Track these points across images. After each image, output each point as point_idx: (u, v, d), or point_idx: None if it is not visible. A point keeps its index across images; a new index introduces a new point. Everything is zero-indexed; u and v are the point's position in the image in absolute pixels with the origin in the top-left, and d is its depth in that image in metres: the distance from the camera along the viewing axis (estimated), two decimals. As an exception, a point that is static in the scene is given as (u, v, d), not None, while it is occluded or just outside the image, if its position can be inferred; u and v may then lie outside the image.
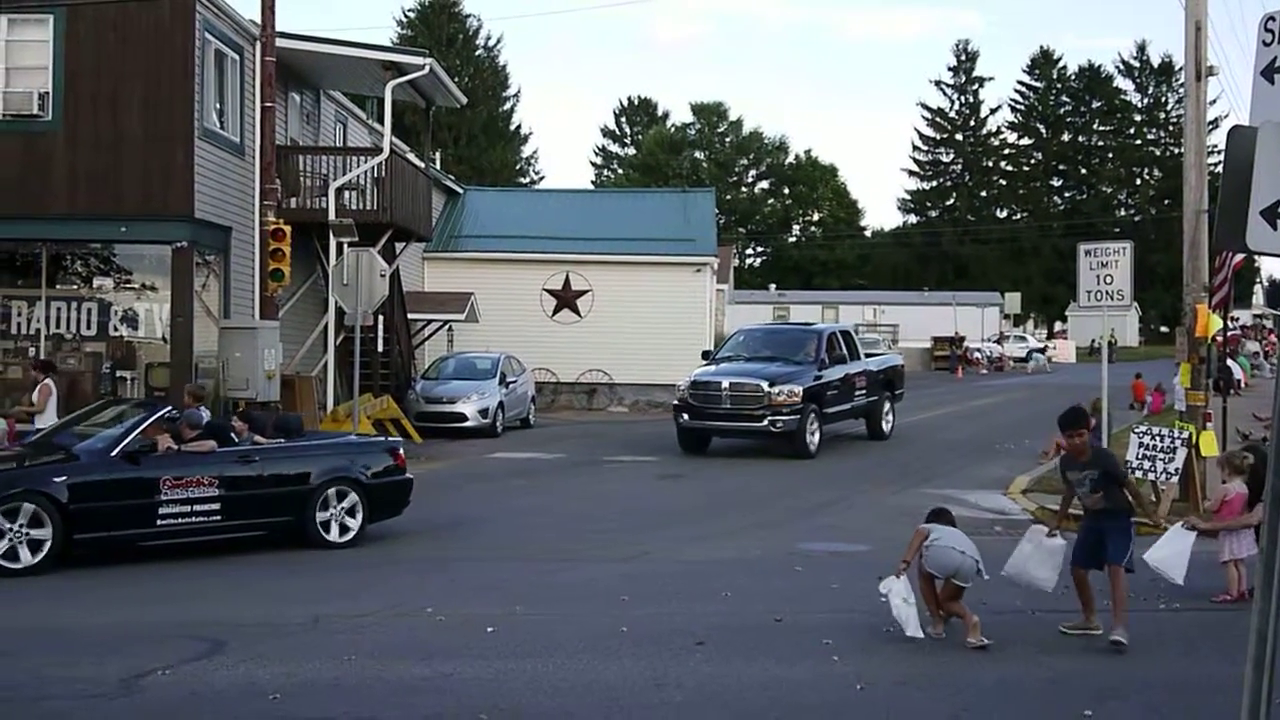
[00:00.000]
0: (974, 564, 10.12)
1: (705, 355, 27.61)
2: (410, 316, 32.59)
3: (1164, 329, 71.50)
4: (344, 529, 14.89)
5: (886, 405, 28.23)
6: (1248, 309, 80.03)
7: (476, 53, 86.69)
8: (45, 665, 8.98)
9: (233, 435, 14.93)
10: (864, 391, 27.00)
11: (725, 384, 24.47)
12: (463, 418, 29.07)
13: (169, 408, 15.26)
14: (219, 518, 14.12)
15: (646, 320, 37.55)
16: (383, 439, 18.21)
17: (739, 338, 27.82)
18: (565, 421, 34.13)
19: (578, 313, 39.07)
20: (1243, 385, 40.91)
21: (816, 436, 24.61)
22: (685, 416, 24.81)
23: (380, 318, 27.72)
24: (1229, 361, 21.01)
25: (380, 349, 28.76)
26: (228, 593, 12.09)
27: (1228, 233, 5.48)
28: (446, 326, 35.69)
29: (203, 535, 14.08)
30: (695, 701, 8.25)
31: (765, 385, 24.12)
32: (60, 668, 8.91)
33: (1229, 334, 19.01)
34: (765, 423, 23.91)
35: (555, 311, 39.20)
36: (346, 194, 27.24)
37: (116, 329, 22.39)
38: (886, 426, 28.16)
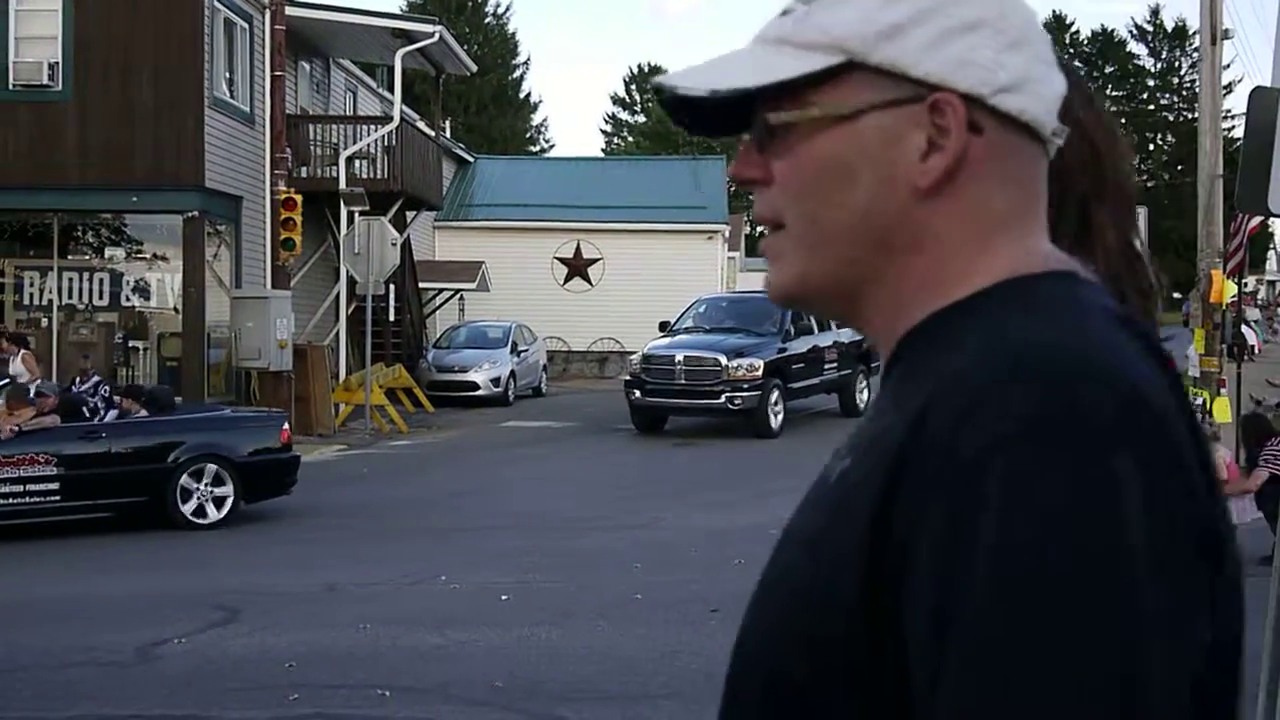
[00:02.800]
0: None
1: (663, 326, 25.63)
2: (421, 285, 32.58)
3: (1176, 295, 71.43)
4: (215, 508, 14.03)
5: (861, 380, 26.16)
6: (1260, 274, 79.74)
7: (486, 20, 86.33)
8: (62, 634, 9.01)
9: (85, 410, 14.16)
10: (835, 364, 25.13)
11: (679, 358, 22.60)
12: (474, 386, 29.07)
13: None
14: (57, 498, 13.32)
15: (658, 288, 37.38)
16: (265, 413, 17.41)
17: (699, 307, 25.78)
18: (577, 390, 34.13)
19: (589, 281, 39.00)
20: (1257, 351, 40.78)
21: (780, 414, 22.90)
22: (637, 393, 22.96)
23: (391, 287, 27.70)
24: (1243, 328, 20.93)
25: (392, 318, 28.75)
26: (242, 561, 12.12)
27: (1249, 196, 5.43)
28: (458, 295, 35.66)
29: (39, 517, 13.30)
30: (710, 670, 8.24)
31: (723, 359, 22.24)
32: (78, 636, 8.94)
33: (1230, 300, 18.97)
34: (723, 399, 22.15)
35: (566, 280, 39.14)
36: (357, 163, 27.20)
37: (128, 299, 22.41)
38: (861, 402, 25.98)
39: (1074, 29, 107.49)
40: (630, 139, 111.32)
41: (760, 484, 17.53)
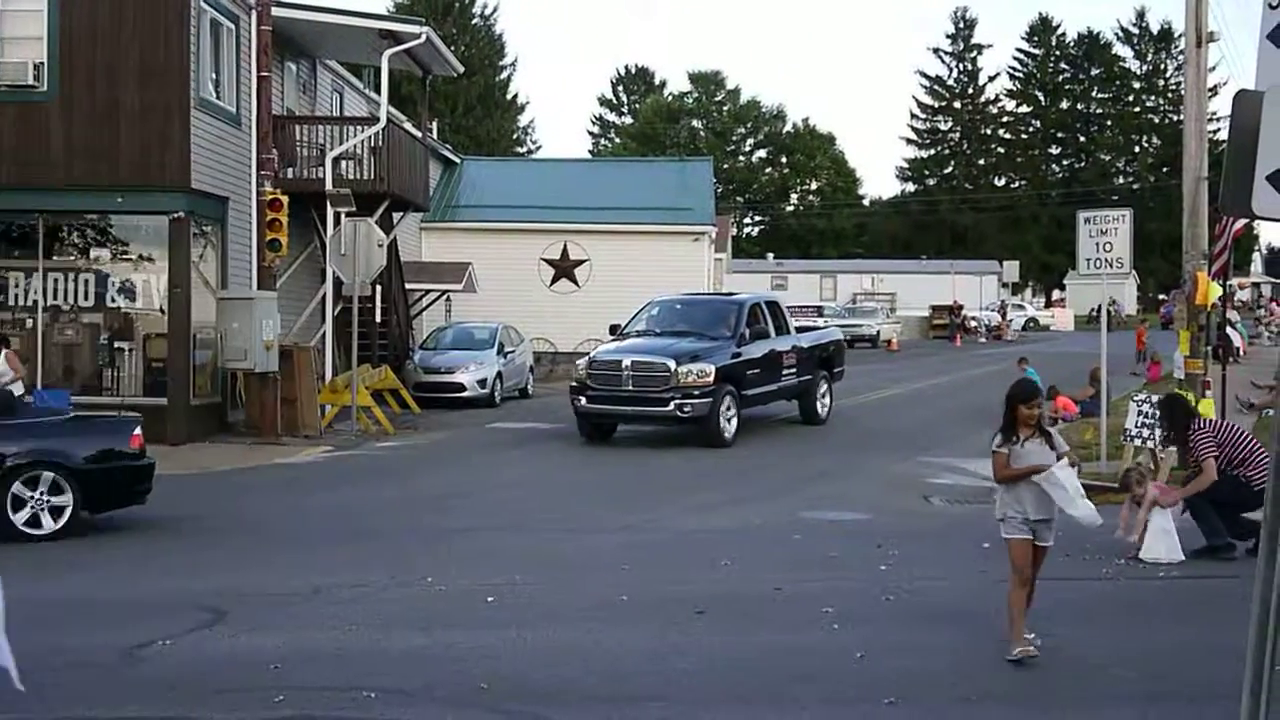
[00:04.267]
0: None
1: (613, 330, 24.42)
2: (408, 286, 32.55)
3: (1162, 296, 71.67)
4: (51, 518, 13.09)
5: (823, 386, 25.03)
6: (1245, 276, 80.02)
7: (473, 21, 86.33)
8: (45, 637, 8.97)
9: None
10: (793, 370, 23.91)
11: (627, 363, 21.38)
12: (461, 388, 29.03)
13: None
14: None
15: (645, 290, 37.06)
16: (114, 417, 16.03)
17: (652, 310, 24.31)
18: (564, 391, 33.99)
19: (576, 282, 39.00)
20: (1241, 353, 40.88)
21: (734, 422, 21.62)
22: (582, 400, 21.69)
23: (378, 288, 27.66)
24: (1229, 330, 20.99)
25: (378, 319, 28.70)
26: (228, 564, 12.08)
27: (1233, 198, 5.46)
28: (444, 296, 35.63)
29: None
30: (696, 670, 8.26)
31: (672, 364, 21.04)
32: (62, 638, 8.91)
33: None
34: (671, 407, 20.93)
35: (553, 281, 39.14)
36: (344, 164, 27.17)
37: (114, 300, 22.33)
38: (823, 409, 24.93)
39: (1060, 32, 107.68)
40: (617, 140, 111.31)
41: (747, 487, 17.57)
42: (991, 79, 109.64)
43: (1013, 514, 8.54)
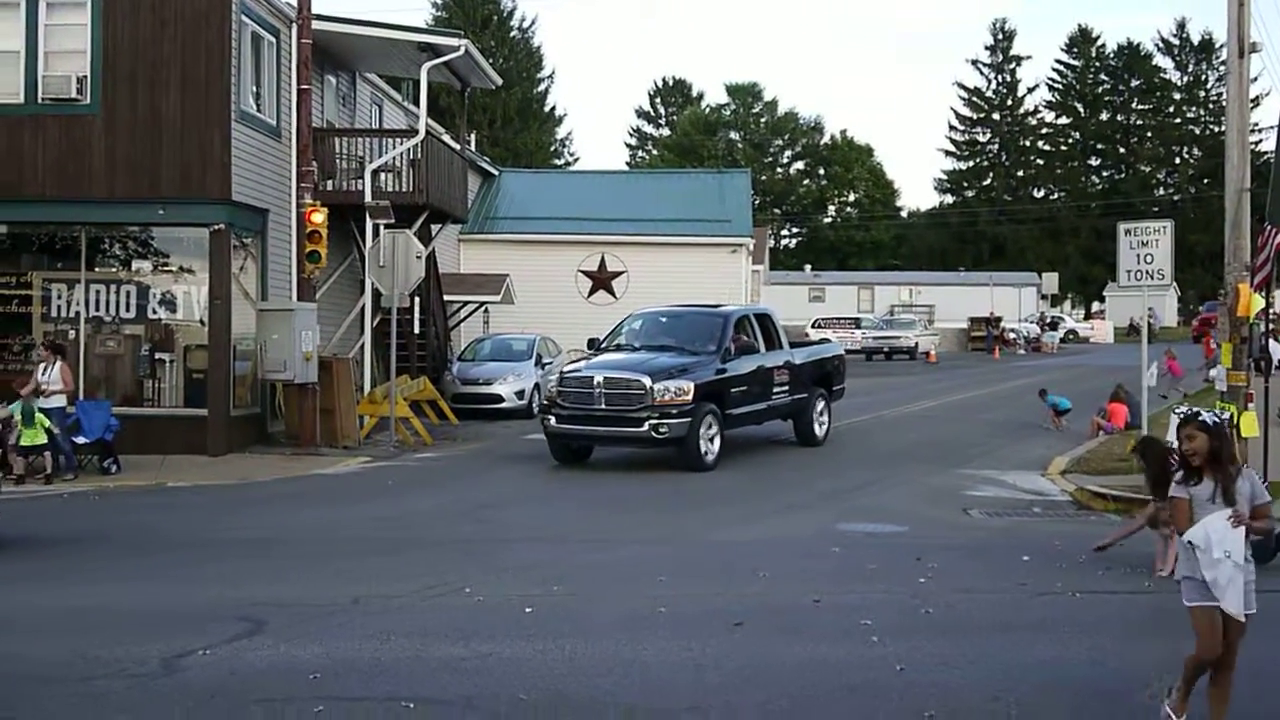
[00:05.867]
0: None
1: (591, 344, 23.18)
2: (446, 298, 32.66)
3: (1202, 309, 71.10)
4: None
5: (820, 404, 23.33)
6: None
7: (511, 34, 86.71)
8: (89, 645, 9.03)
9: None
10: (786, 388, 22.26)
11: (599, 379, 19.78)
12: (499, 399, 29.11)
13: None
14: None
15: (681, 301, 37.47)
16: None
17: (634, 323, 22.70)
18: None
19: (613, 294, 39.06)
20: (1283, 366, 40.38)
21: (716, 443, 20.03)
22: (552, 420, 20.17)
23: (416, 299, 27.77)
24: (1271, 342, 20.76)
25: (416, 331, 28.82)
26: (267, 574, 12.14)
27: (1277, 209, 5.41)
28: (482, 308, 35.76)
29: None
30: (734, 683, 8.23)
31: (647, 381, 19.42)
32: (103, 648, 8.97)
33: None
34: (646, 427, 19.30)
35: (591, 293, 39.21)
36: (383, 176, 27.31)
37: (155, 312, 22.51)
38: (819, 430, 23.24)
39: (1100, 43, 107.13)
40: (654, 152, 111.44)
41: (786, 498, 17.51)
42: (1030, 90, 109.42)
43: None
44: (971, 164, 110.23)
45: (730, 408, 20.51)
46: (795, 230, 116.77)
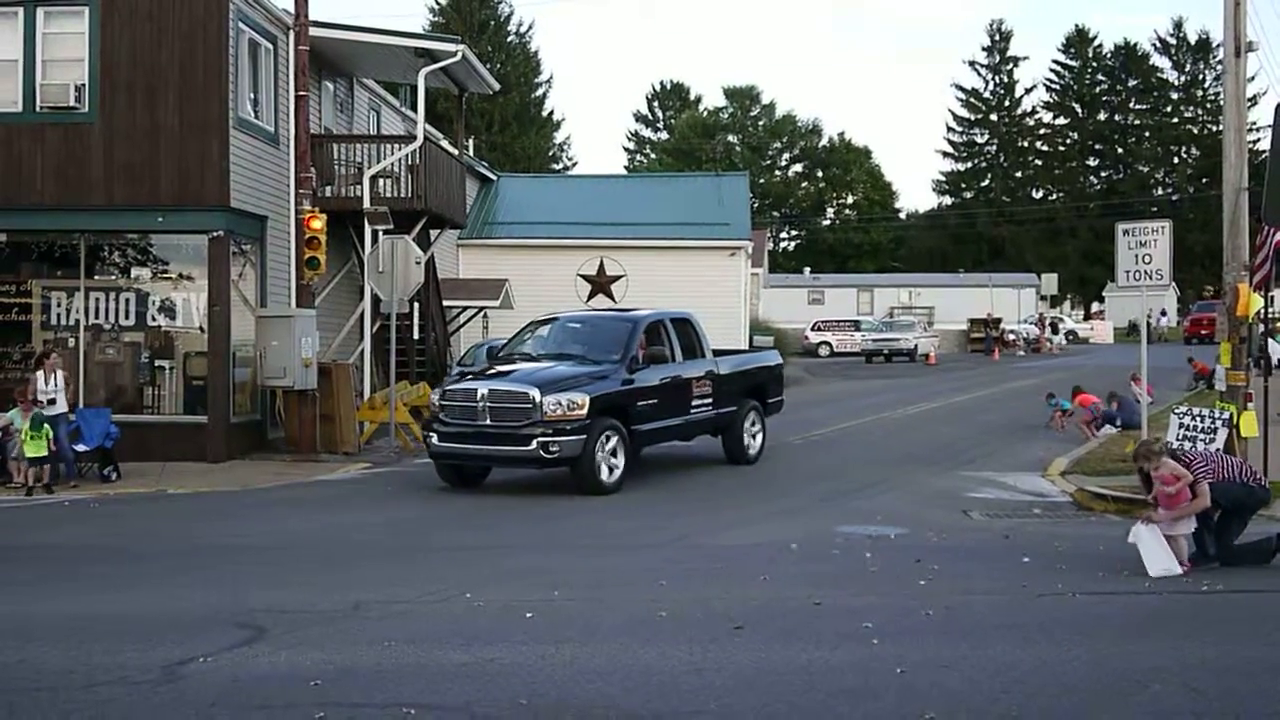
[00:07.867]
0: None
1: (490, 354, 21.74)
2: (445, 303, 32.66)
3: (1192, 309, 71.14)
4: None
5: (751, 418, 21.38)
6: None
7: (508, 39, 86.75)
8: (90, 653, 9.03)
9: None
10: (709, 400, 20.20)
11: (482, 392, 17.86)
12: (499, 404, 28.97)
13: None
14: None
15: (681, 305, 37.40)
16: None
17: (539, 329, 20.67)
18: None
19: (613, 298, 39.05)
20: (1282, 365, 40.41)
21: (620, 463, 18.09)
22: (434, 438, 18.35)
23: (415, 305, 27.79)
24: (1270, 340, 20.77)
25: (416, 336, 28.82)
26: (267, 580, 12.14)
27: (1274, 209, 5.42)
28: (481, 313, 35.74)
29: None
30: (735, 686, 8.23)
31: (535, 393, 17.46)
32: (105, 655, 8.97)
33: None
34: (534, 445, 17.32)
35: (590, 297, 39.20)
36: (381, 182, 27.32)
37: (154, 319, 22.53)
38: (751, 446, 21.35)
39: (1097, 43, 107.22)
40: (653, 156, 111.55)
41: (786, 501, 17.51)
42: (1028, 91, 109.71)
43: None
44: (969, 165, 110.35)
45: (638, 423, 18.65)
46: (794, 233, 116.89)
